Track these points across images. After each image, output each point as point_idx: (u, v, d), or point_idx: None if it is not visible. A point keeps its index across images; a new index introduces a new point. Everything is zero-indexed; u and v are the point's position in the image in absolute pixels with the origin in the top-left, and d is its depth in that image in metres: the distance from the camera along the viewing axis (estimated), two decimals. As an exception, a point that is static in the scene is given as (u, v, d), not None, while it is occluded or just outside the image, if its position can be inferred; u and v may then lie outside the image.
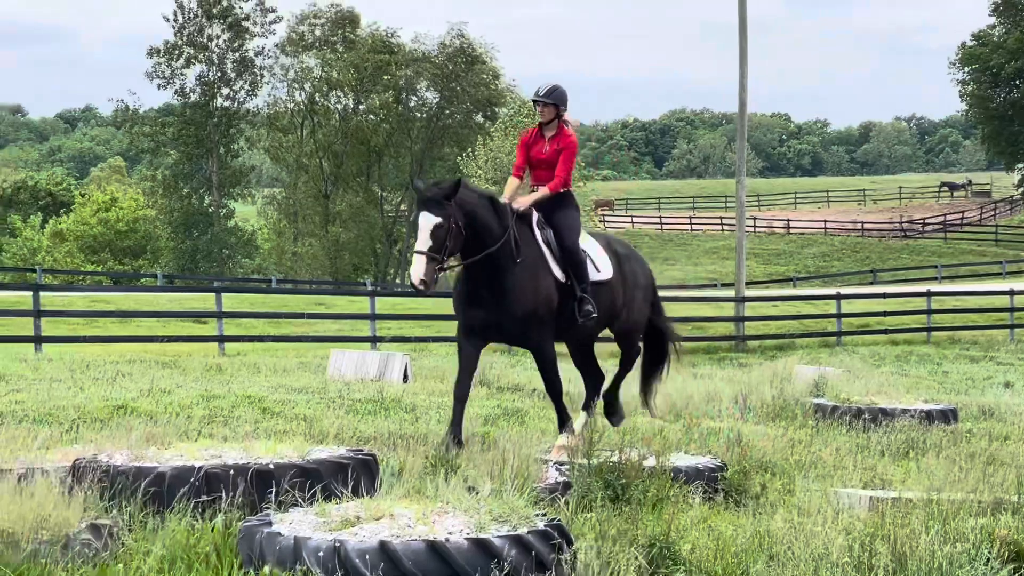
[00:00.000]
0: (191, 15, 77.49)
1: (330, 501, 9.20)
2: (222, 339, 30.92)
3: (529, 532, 8.22)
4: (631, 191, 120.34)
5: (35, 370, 21.45)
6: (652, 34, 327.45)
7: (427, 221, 10.99)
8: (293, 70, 79.57)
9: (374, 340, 32.30)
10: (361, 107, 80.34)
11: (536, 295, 11.65)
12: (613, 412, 13.66)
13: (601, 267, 12.26)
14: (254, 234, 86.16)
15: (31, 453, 10.54)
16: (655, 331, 13.96)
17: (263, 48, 79.63)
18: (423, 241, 11.04)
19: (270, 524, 8.47)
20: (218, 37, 78.05)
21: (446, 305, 40.07)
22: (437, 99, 79.67)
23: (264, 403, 17.31)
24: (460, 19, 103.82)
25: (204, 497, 9.41)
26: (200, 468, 9.65)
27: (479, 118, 76.92)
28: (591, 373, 13.49)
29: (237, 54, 78.57)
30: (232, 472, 9.60)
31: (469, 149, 66.87)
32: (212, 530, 8.86)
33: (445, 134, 78.13)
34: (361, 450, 10.79)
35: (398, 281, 73.56)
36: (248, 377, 22.50)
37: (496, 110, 71.49)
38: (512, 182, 12.31)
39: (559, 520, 8.71)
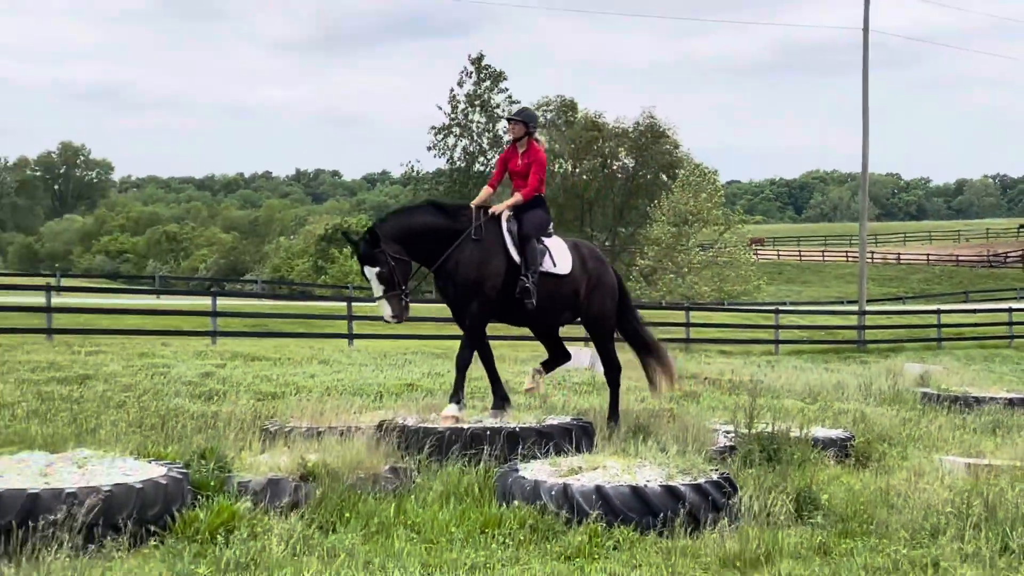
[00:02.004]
0: (460, 104, 78.75)
1: (559, 455, 9.28)
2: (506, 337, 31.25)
3: (706, 482, 8.18)
4: (777, 231, 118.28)
5: (349, 358, 21.97)
6: (794, 112, 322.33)
7: (370, 272, 9.96)
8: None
9: (585, 340, 32.29)
10: (576, 170, 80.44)
11: (484, 268, 10.27)
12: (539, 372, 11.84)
13: (559, 263, 10.77)
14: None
15: (349, 416, 10.83)
16: (632, 331, 12.03)
17: (508, 128, 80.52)
18: (376, 288, 10.01)
19: (517, 471, 8.56)
20: (477, 121, 79.08)
21: (644, 314, 39.75)
22: (632, 164, 79.34)
23: (509, 383, 17.44)
24: (651, 104, 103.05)
25: (470, 451, 9.58)
26: (467, 429, 9.82)
27: (663, 177, 76.39)
28: (557, 351, 11.82)
29: (491, 133, 79.47)
30: (490, 433, 9.75)
31: (656, 200, 66.73)
32: (476, 474, 9.00)
33: (638, 189, 77.68)
34: (581, 419, 10.82)
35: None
36: (497, 364, 22.67)
37: (676, 171, 70.86)
38: (485, 190, 10.99)
39: (728, 474, 8.64)
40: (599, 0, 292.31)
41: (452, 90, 79.53)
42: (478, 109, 78.94)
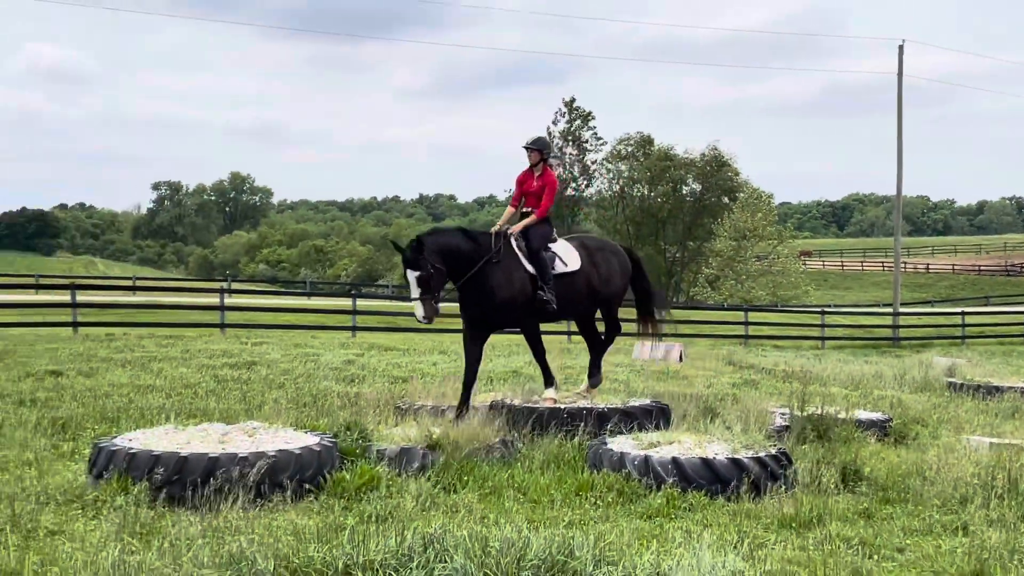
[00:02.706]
0: (554, 139, 78.84)
1: (641, 431, 9.22)
2: (569, 333, 31.18)
3: (766, 455, 8.05)
4: (823, 245, 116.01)
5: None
6: (837, 143, 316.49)
7: (411, 275, 9.48)
8: (613, 172, 79.95)
9: (660, 335, 32.04)
10: (652, 194, 79.99)
11: (511, 287, 9.86)
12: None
13: (568, 261, 10.27)
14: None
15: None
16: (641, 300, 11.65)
17: (595, 159, 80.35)
18: (414, 290, 9.51)
19: (606, 444, 8.53)
20: (569, 153, 79.08)
21: (709, 314, 39.27)
22: (699, 188, 78.71)
23: (606, 374, 17.38)
24: (715, 138, 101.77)
25: (566, 427, 9.56)
26: (564, 409, 9.81)
27: (725, 199, 75.64)
28: (592, 339, 11.29)
29: (580, 163, 79.44)
30: (584, 412, 9.72)
31: (719, 219, 66.22)
32: (571, 447, 8.98)
33: (704, 210, 76.94)
34: (659, 401, 10.74)
35: (675, 300, 72.83)
36: (585, 355, 22.60)
37: (736, 194, 70.08)
38: (508, 211, 10.63)
39: (784, 449, 8.51)
40: (672, 51, 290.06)
41: (548, 128, 79.77)
42: (570, 143, 79.04)
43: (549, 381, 10.45)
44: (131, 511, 6.29)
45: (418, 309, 9.54)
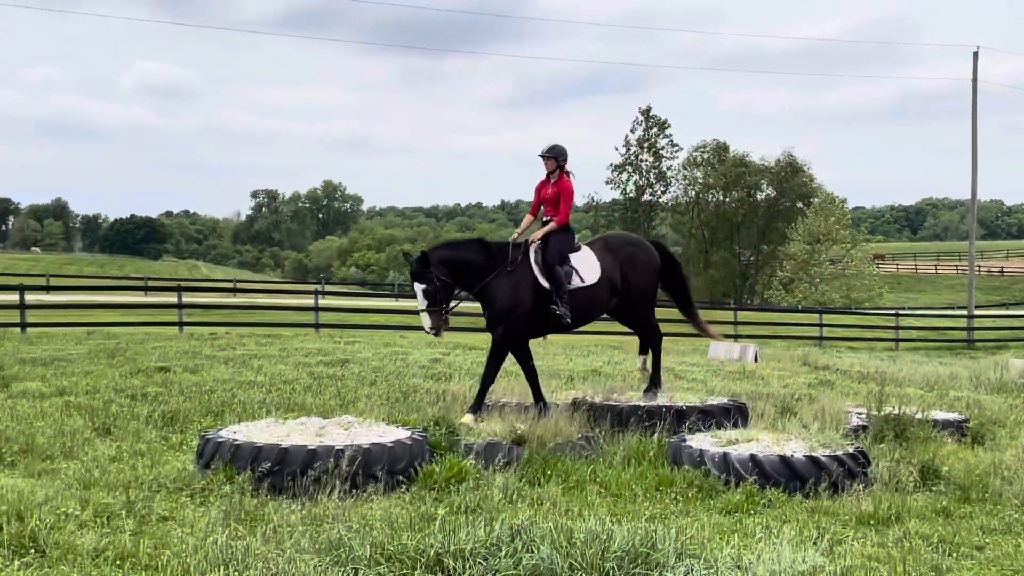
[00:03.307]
0: (631, 147, 78.55)
1: (719, 429, 9.11)
2: (622, 333, 30.93)
3: (843, 454, 7.89)
4: (896, 249, 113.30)
5: (544, 348, 22.11)
6: (911, 149, 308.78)
7: (418, 288, 9.21)
8: (688, 178, 79.29)
9: (736, 337, 31.63)
10: (727, 199, 79.15)
11: (513, 297, 9.39)
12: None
13: (587, 275, 9.72)
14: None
15: (548, 395, 10.84)
16: (680, 302, 11.10)
17: (671, 166, 79.79)
18: (421, 302, 9.21)
19: (685, 441, 8.44)
20: (645, 160, 78.66)
21: (783, 316, 38.67)
22: (774, 194, 77.64)
23: (674, 371, 17.23)
24: (790, 144, 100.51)
25: (645, 424, 9.49)
26: (643, 407, 9.73)
27: (799, 204, 74.50)
28: (646, 337, 10.61)
29: (656, 170, 78.93)
30: (663, 410, 9.64)
31: (793, 223, 65.28)
32: (651, 443, 8.91)
33: (778, 214, 75.92)
34: (736, 400, 10.59)
35: (749, 302, 71.86)
36: (663, 356, 22.43)
37: (810, 200, 68.96)
38: (526, 220, 10.24)
39: (862, 448, 8.33)
40: (746, 61, 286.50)
41: (626, 136, 79.47)
42: (646, 150, 78.64)
43: (539, 399, 9.90)
44: (236, 499, 6.43)
45: (425, 321, 9.27)
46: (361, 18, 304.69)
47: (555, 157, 9.93)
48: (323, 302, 27.20)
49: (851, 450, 8.04)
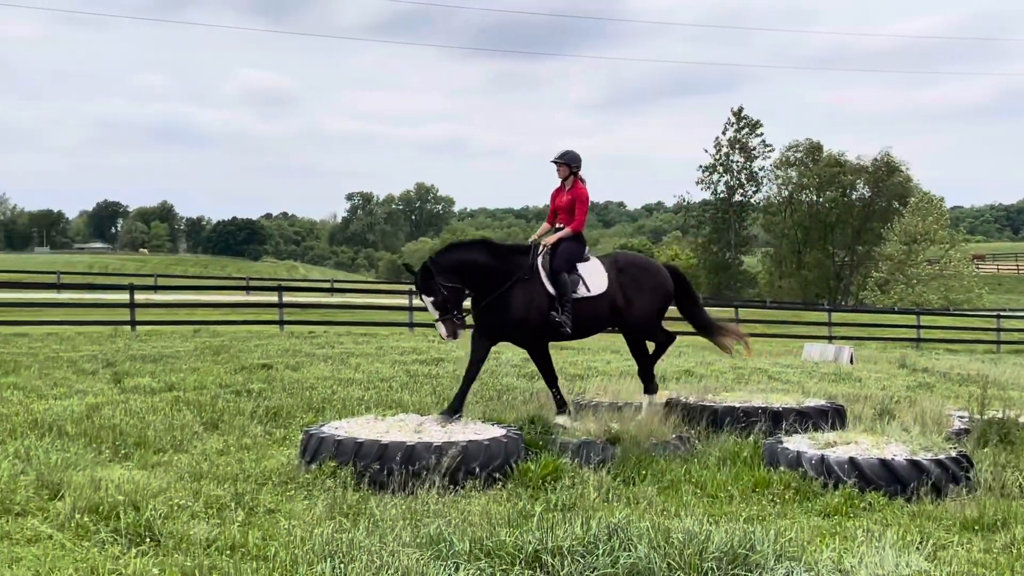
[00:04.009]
0: (722, 148, 77.64)
1: (816, 431, 8.94)
2: (686, 333, 30.53)
3: (946, 457, 7.67)
4: (997, 249, 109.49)
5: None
6: (1012, 147, 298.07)
7: (426, 299, 8.83)
8: (781, 178, 77.99)
9: (830, 338, 30.99)
10: (820, 199, 77.63)
11: (528, 308, 8.97)
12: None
13: (592, 285, 9.24)
14: (755, 275, 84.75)
15: (641, 395, 10.65)
16: (690, 315, 10.55)
17: (763, 167, 78.60)
18: (432, 312, 8.84)
19: (782, 442, 8.30)
20: (736, 161, 77.66)
21: (878, 317, 37.72)
22: (869, 193, 75.89)
23: (768, 372, 16.97)
24: (887, 144, 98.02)
25: (740, 425, 9.36)
26: (739, 407, 9.60)
27: (895, 204, 72.68)
28: (640, 356, 9.93)
29: (747, 170, 77.88)
30: (759, 411, 9.50)
31: (889, 223, 63.73)
32: (746, 444, 8.78)
33: (873, 215, 74.23)
34: (833, 402, 10.38)
35: (843, 303, 70.29)
36: (754, 357, 22.09)
37: (907, 199, 67.20)
38: (543, 227, 9.71)
39: (965, 451, 8.07)
40: (841, 59, 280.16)
41: (717, 136, 78.62)
42: (738, 151, 77.60)
43: (561, 406, 9.50)
44: (339, 493, 6.56)
45: (440, 329, 8.90)
46: (455, 23, 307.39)
47: (568, 163, 9.54)
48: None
49: (953, 454, 7.81)
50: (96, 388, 11.58)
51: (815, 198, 77.78)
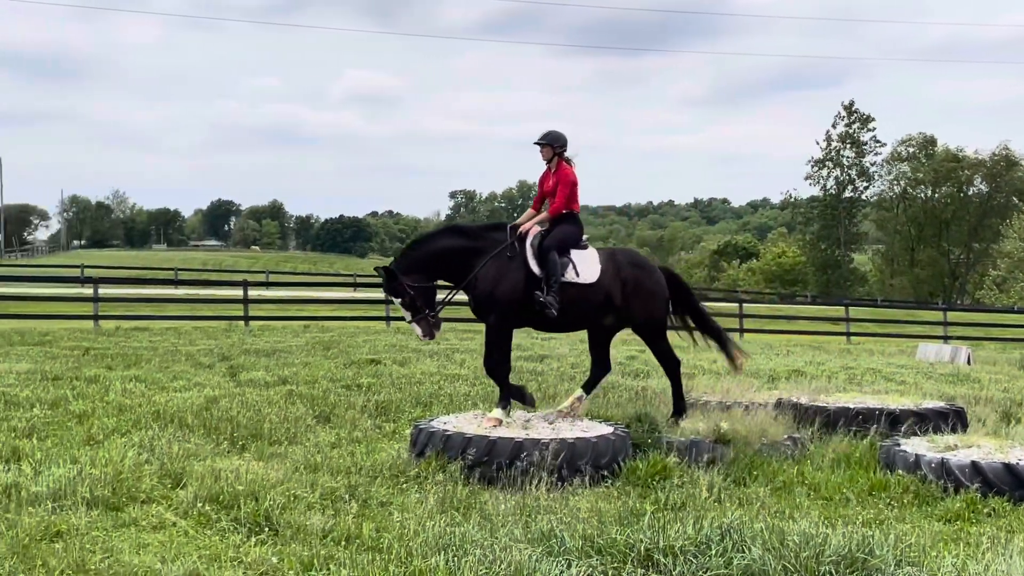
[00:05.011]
0: (832, 142, 75.86)
1: (935, 434, 8.64)
2: (849, 334, 29.84)
3: (1076, 464, 7.32)
4: None
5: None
6: None
7: (396, 303, 8.40)
8: (893, 173, 75.77)
9: (945, 338, 29.95)
10: (935, 195, 75.15)
11: (497, 282, 8.35)
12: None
13: (583, 273, 8.59)
14: (865, 273, 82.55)
15: (750, 394, 10.61)
16: (699, 324, 9.63)
17: (874, 161, 76.49)
18: (405, 314, 8.40)
19: (899, 445, 8.06)
20: (847, 156, 75.79)
21: (996, 317, 36.30)
22: (986, 189, 73.14)
23: (881, 373, 16.49)
24: (1005, 137, 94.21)
25: (854, 427, 9.12)
26: (853, 409, 9.36)
27: (1015, 200, 69.92)
28: (599, 363, 9.36)
29: (858, 166, 75.91)
30: (873, 412, 9.24)
31: (1007, 220, 61.26)
32: (861, 446, 8.55)
33: (991, 211, 71.56)
34: (953, 404, 10.02)
35: (959, 302, 67.83)
36: (866, 357, 21.52)
37: (1028, 195, 64.78)
38: (528, 212, 8.99)
39: (1097, 458, 7.68)
40: (956, 51, 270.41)
41: (827, 131, 76.83)
42: (848, 146, 75.70)
43: (508, 399, 8.60)
44: (450, 487, 6.62)
45: (416, 330, 8.49)
46: (556, 21, 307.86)
47: (550, 144, 8.86)
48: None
49: (1086, 460, 7.44)
50: (213, 381, 11.95)
51: (929, 193, 75.40)
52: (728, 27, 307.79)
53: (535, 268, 8.47)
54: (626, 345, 19.36)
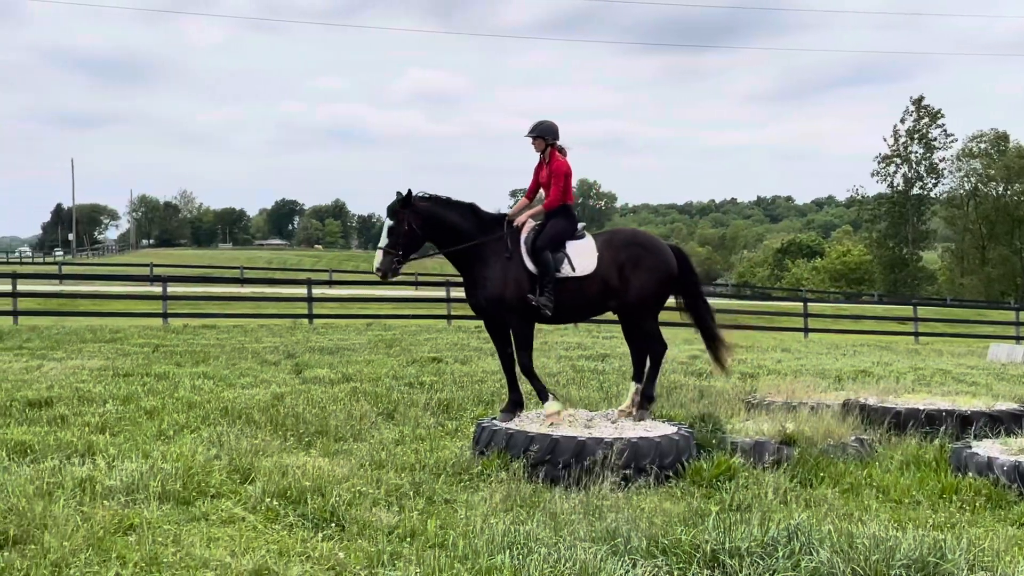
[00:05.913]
0: (900, 138, 74.44)
1: (1009, 436, 8.44)
2: (917, 334, 29.26)
3: None
4: None
5: (806, 347, 21.38)
6: None
7: (387, 224, 8.16)
8: (964, 169, 74.07)
9: (1018, 339, 29.24)
10: (1008, 192, 73.28)
11: (504, 284, 8.22)
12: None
13: (579, 265, 8.34)
14: (934, 272, 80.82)
15: (816, 394, 10.48)
16: (698, 318, 9.10)
17: (944, 157, 74.87)
18: (382, 239, 8.14)
19: (971, 447, 7.88)
20: (915, 151, 74.29)
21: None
22: (1061, 186, 71.30)
23: (951, 373, 16.15)
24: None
25: (925, 428, 8.95)
26: (923, 410, 9.18)
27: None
28: (636, 348, 8.93)
29: (927, 162, 74.37)
30: (944, 414, 9.05)
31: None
32: (931, 448, 8.38)
33: (1073, 205, 69.88)
34: (1027, 406, 9.77)
35: (1032, 302, 66.13)
36: (935, 357, 21.10)
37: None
38: (520, 202, 8.89)
39: None
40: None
41: (895, 126, 75.45)
42: (917, 141, 74.19)
43: (520, 401, 8.59)
44: (513, 485, 6.63)
45: (376, 257, 8.25)
46: (620, 19, 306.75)
47: (541, 135, 8.66)
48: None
49: None
50: (279, 378, 12.13)
51: (1001, 191, 73.56)
52: (794, 23, 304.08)
53: (530, 266, 8.34)
54: (689, 344, 19.23)
